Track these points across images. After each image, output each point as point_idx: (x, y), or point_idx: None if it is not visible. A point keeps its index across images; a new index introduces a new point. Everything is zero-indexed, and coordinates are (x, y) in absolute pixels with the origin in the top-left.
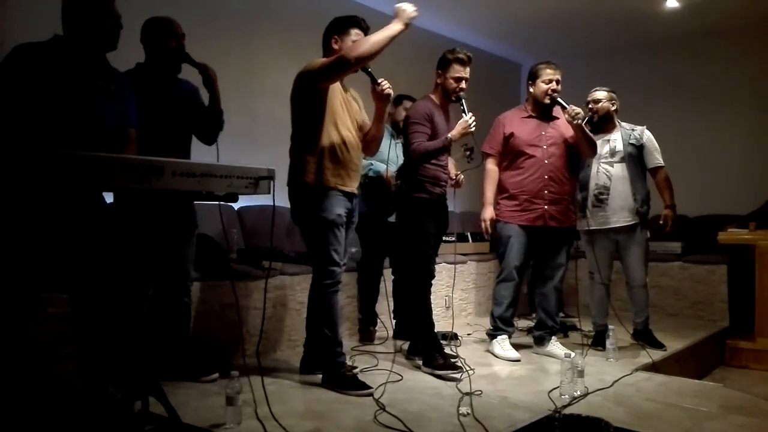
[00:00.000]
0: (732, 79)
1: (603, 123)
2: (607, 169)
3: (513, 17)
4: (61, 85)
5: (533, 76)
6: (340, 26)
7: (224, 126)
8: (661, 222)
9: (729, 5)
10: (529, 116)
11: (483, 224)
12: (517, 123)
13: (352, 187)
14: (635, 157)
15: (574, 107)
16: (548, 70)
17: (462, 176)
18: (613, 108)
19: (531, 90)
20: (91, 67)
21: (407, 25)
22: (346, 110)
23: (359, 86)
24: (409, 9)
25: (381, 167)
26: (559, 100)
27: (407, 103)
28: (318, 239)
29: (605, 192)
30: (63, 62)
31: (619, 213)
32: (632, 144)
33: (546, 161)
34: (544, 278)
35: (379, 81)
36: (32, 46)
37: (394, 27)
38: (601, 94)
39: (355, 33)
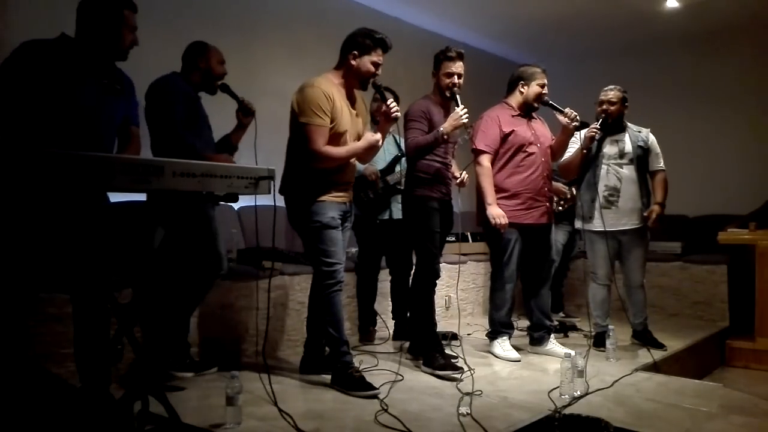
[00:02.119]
0: (732, 79)
1: (613, 124)
2: (617, 170)
3: (513, 17)
4: (67, 83)
5: (528, 78)
6: (363, 42)
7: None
8: (645, 214)
9: (729, 5)
10: (518, 115)
11: (497, 221)
12: (512, 121)
13: (345, 199)
14: (642, 159)
15: (571, 110)
16: (543, 74)
17: (467, 175)
18: (626, 109)
19: (522, 91)
20: (97, 66)
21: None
22: (352, 124)
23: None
24: (378, 145)
25: (360, 166)
26: (551, 102)
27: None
28: (315, 241)
29: (615, 194)
30: (70, 61)
31: (629, 215)
32: (640, 146)
33: (543, 159)
34: (540, 279)
35: (389, 102)
36: (41, 43)
37: (360, 147)
38: (614, 94)
39: (376, 54)
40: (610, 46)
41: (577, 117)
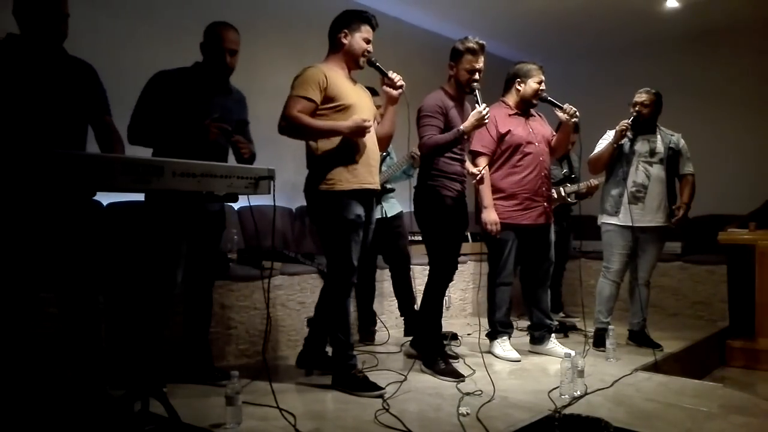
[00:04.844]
0: (732, 79)
1: (645, 124)
2: (647, 168)
3: (513, 17)
4: (28, 82)
5: (525, 75)
6: (351, 21)
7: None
8: (674, 207)
9: (729, 5)
10: (515, 113)
11: (491, 228)
12: (508, 121)
13: (373, 182)
14: (671, 160)
15: (570, 106)
16: (540, 71)
17: (486, 171)
18: (659, 112)
19: (519, 88)
20: (53, 60)
21: (351, 132)
22: (361, 99)
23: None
24: (365, 124)
25: None
26: (550, 98)
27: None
28: (338, 241)
29: (643, 190)
30: (25, 59)
31: (654, 213)
32: (671, 148)
33: (540, 158)
34: (539, 279)
35: (389, 73)
36: None
37: (343, 126)
38: (648, 97)
39: (365, 29)
40: (609, 45)
41: (577, 113)
